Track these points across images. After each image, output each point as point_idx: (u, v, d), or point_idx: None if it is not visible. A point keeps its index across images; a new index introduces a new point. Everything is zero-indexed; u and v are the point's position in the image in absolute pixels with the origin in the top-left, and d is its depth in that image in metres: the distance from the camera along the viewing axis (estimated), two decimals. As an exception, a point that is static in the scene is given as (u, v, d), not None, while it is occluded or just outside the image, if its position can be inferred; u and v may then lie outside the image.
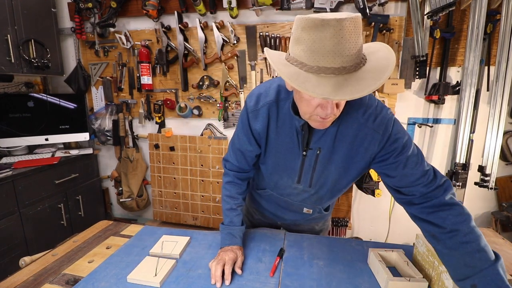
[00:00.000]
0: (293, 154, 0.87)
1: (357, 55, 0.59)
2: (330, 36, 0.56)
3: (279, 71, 0.63)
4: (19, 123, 2.09)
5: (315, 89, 0.58)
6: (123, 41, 2.20)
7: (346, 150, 0.82)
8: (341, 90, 0.58)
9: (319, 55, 0.59)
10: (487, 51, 1.81)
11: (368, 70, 0.60)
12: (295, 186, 0.94)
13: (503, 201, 1.99)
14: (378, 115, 0.77)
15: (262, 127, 0.86)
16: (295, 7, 1.87)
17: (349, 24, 0.56)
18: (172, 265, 0.89)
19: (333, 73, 0.59)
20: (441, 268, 0.74)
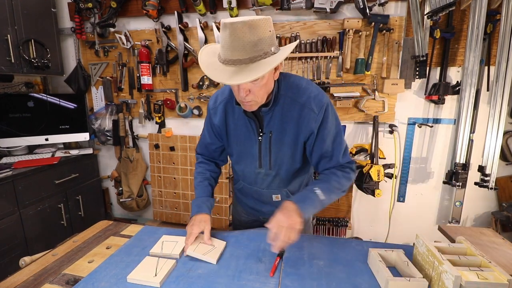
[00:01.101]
0: (251, 141, 1.00)
1: (253, 50, 0.74)
2: (228, 35, 0.73)
3: (199, 59, 0.83)
4: (19, 123, 2.09)
5: (216, 75, 0.77)
6: (123, 41, 2.20)
7: (293, 129, 0.95)
8: (234, 77, 0.74)
9: (224, 49, 0.76)
10: (487, 51, 1.81)
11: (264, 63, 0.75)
12: (258, 171, 1.06)
13: (503, 201, 1.99)
14: (315, 98, 0.92)
15: (220, 121, 1.02)
16: (295, 7, 1.87)
17: (241, 26, 0.71)
18: (172, 265, 0.89)
19: (233, 63, 0.76)
20: (441, 268, 0.74)
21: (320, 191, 0.89)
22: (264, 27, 0.74)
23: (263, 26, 0.74)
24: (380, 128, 2.06)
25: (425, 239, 0.85)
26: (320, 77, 2.04)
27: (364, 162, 2.10)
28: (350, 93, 1.97)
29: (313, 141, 0.95)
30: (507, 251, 1.00)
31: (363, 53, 1.92)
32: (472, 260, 0.78)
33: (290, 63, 2.06)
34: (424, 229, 2.20)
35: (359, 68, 1.93)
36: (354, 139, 2.16)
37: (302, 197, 0.90)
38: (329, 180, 0.94)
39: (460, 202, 1.96)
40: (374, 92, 1.98)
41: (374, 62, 1.95)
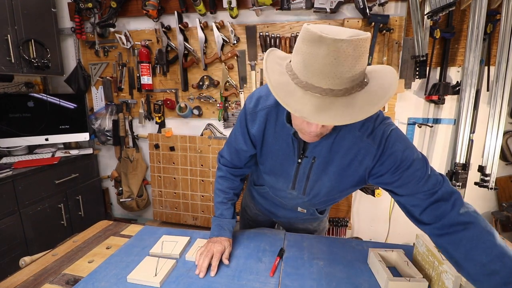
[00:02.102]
0: (289, 160, 0.86)
1: (351, 80, 0.55)
2: (324, 55, 0.53)
3: (268, 78, 0.61)
4: (19, 123, 2.09)
5: (295, 105, 0.57)
6: (123, 41, 2.20)
7: (340, 162, 0.80)
8: (321, 113, 0.55)
9: (310, 71, 0.56)
10: (487, 51, 1.81)
11: (361, 98, 0.57)
12: (289, 191, 0.95)
13: (503, 201, 1.99)
14: (376, 128, 0.73)
15: (258, 131, 0.86)
16: (295, 7, 1.87)
17: (346, 46, 0.51)
18: (172, 265, 0.89)
19: (320, 93, 0.56)
20: (441, 268, 0.74)
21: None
22: (366, 49, 0.55)
23: (366, 47, 0.55)
24: (380, 128, 2.06)
25: (425, 239, 0.85)
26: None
27: (364, 162, 2.10)
28: (350, 93, 1.97)
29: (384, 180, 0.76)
30: (507, 251, 1.00)
31: (363, 53, 1.92)
32: (472, 260, 0.78)
33: (290, 63, 2.06)
34: (424, 229, 2.20)
35: (359, 68, 1.92)
36: (354, 139, 2.15)
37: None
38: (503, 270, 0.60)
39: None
40: (374, 92, 1.98)
41: (374, 62, 1.95)
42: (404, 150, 0.72)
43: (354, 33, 0.54)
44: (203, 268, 0.85)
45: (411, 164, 0.71)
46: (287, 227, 1.19)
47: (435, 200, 0.70)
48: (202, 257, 0.87)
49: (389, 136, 0.72)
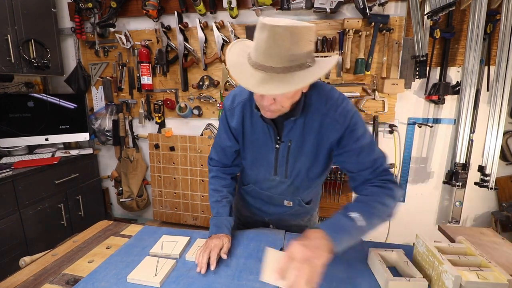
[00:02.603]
0: (268, 148, 0.94)
1: (289, 60, 0.66)
2: (265, 38, 0.65)
3: (227, 59, 0.76)
4: (19, 123, 2.09)
5: (243, 79, 0.69)
6: (123, 41, 2.20)
7: (313, 140, 0.88)
8: (262, 85, 0.67)
9: (258, 52, 0.68)
10: (487, 51, 1.81)
11: (298, 75, 0.67)
12: (272, 178, 1.00)
13: (503, 201, 1.99)
14: (339, 106, 0.84)
15: (237, 123, 0.95)
16: (295, 7, 1.87)
17: (283, 30, 0.63)
18: (172, 265, 0.88)
19: (264, 70, 0.68)
20: (441, 268, 0.74)
21: (358, 215, 0.74)
22: (305, 36, 0.66)
23: (306, 35, 0.66)
24: (380, 128, 2.06)
25: (425, 239, 0.85)
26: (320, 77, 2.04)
27: (364, 162, 2.10)
28: (350, 93, 1.97)
29: (340, 152, 0.87)
30: (507, 251, 1.00)
31: (363, 53, 1.92)
32: (472, 260, 0.78)
33: (290, 63, 2.06)
34: (424, 229, 2.20)
35: (359, 68, 1.93)
36: (354, 139, 2.15)
37: (333, 223, 0.74)
38: (368, 201, 0.79)
39: (460, 202, 1.96)
40: (374, 92, 1.98)
41: (374, 62, 1.95)
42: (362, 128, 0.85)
43: (298, 23, 0.65)
44: (202, 264, 0.85)
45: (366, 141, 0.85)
46: (279, 225, 1.20)
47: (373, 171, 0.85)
48: (200, 253, 0.88)
49: (354, 115, 0.84)
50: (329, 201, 2.19)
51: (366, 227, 0.74)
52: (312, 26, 0.67)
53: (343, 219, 0.75)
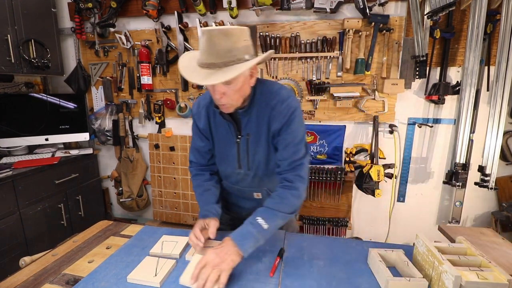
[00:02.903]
0: (230, 143, 1.04)
1: (227, 56, 0.80)
2: (205, 41, 0.80)
3: (179, 63, 0.89)
4: (19, 123, 2.09)
5: (191, 76, 0.84)
6: (123, 41, 2.20)
7: (266, 132, 0.99)
8: (207, 78, 0.80)
9: (201, 53, 0.83)
10: (487, 51, 1.81)
11: (235, 68, 0.80)
12: (237, 171, 1.09)
13: (503, 201, 1.99)
14: (285, 101, 0.95)
15: (204, 125, 1.07)
16: (295, 7, 1.87)
17: (217, 33, 0.79)
18: (172, 265, 0.89)
19: (208, 67, 0.82)
20: (441, 268, 0.74)
21: (262, 220, 0.87)
22: (239, 36, 0.81)
23: (238, 35, 0.81)
24: (380, 128, 2.06)
25: (425, 239, 0.85)
26: (320, 77, 2.04)
27: (364, 162, 2.10)
28: (350, 93, 1.97)
29: (277, 140, 0.98)
30: (507, 251, 1.00)
31: (363, 53, 1.92)
32: (472, 260, 0.78)
33: (290, 63, 2.06)
34: (424, 229, 2.20)
35: (359, 68, 1.93)
36: (354, 139, 2.16)
37: (243, 231, 0.87)
38: (273, 205, 0.92)
39: (460, 202, 1.97)
40: (374, 92, 1.98)
41: (374, 62, 1.95)
42: (300, 126, 0.97)
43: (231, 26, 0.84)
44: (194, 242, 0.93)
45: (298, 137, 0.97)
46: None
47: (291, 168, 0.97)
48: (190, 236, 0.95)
49: (295, 111, 0.95)
50: (329, 201, 2.19)
51: (270, 228, 0.88)
52: (244, 28, 0.84)
53: (250, 226, 0.87)
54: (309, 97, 2.07)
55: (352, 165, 2.11)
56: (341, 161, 2.19)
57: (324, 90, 2.03)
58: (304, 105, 2.12)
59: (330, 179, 2.06)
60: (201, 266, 0.78)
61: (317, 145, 2.19)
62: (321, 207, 2.24)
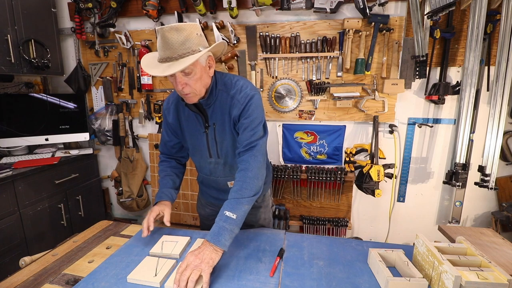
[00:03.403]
0: (200, 134, 1.12)
1: (182, 49, 0.89)
2: (160, 38, 0.90)
3: (141, 62, 0.99)
4: (19, 123, 2.09)
5: (152, 70, 0.93)
6: (123, 41, 2.20)
7: (228, 119, 1.06)
8: (166, 70, 0.89)
9: (159, 50, 0.92)
10: (487, 51, 1.81)
11: (190, 58, 0.89)
12: (209, 160, 1.16)
13: (503, 201, 1.99)
14: (243, 91, 1.03)
15: (173, 119, 1.15)
16: (295, 7, 1.87)
17: (169, 29, 0.88)
18: (172, 265, 0.89)
19: (166, 60, 0.91)
20: (441, 268, 0.74)
21: (229, 212, 0.93)
22: (190, 30, 0.90)
23: (189, 29, 0.90)
24: (380, 128, 2.06)
25: (425, 239, 0.85)
26: (320, 77, 2.04)
27: (364, 162, 2.10)
28: (350, 93, 1.97)
29: (237, 127, 1.05)
30: (507, 251, 1.00)
31: (363, 53, 1.92)
32: (472, 260, 0.78)
33: (290, 63, 2.06)
34: (424, 229, 2.20)
35: (359, 68, 1.93)
36: (354, 139, 2.16)
37: (216, 229, 0.91)
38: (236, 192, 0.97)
39: (460, 202, 1.97)
40: (374, 92, 1.98)
41: (374, 62, 1.95)
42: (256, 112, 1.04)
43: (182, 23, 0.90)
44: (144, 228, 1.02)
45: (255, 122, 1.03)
46: None
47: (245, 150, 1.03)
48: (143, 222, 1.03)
49: (252, 98, 1.03)
50: (329, 201, 2.19)
51: (239, 216, 0.93)
52: (195, 23, 0.94)
53: (220, 222, 0.92)
54: (309, 97, 2.07)
55: (352, 165, 2.11)
56: (341, 161, 2.19)
57: (324, 90, 2.03)
58: (304, 105, 2.12)
59: (330, 179, 2.06)
60: (181, 270, 0.80)
61: (317, 145, 2.19)
62: (321, 207, 2.24)
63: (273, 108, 2.16)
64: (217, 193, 1.28)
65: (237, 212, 0.93)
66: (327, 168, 2.12)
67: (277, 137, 2.24)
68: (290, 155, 2.25)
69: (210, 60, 1.00)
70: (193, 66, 0.92)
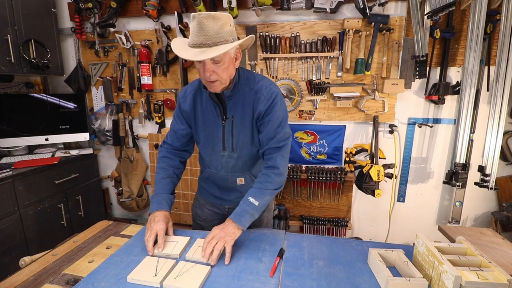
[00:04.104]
0: (216, 125, 1.11)
1: (216, 37, 0.91)
2: (196, 24, 0.91)
3: (173, 45, 0.99)
4: (19, 123, 2.09)
5: (185, 54, 0.94)
6: (123, 41, 2.20)
7: (250, 114, 1.07)
8: (198, 55, 0.91)
9: (192, 35, 0.93)
10: (487, 51, 1.81)
11: (223, 47, 0.91)
12: (222, 153, 1.15)
13: (503, 201, 1.99)
14: (268, 87, 1.06)
15: (190, 108, 1.13)
16: (295, 7, 1.87)
17: (206, 16, 0.90)
18: (172, 265, 0.88)
19: (198, 46, 0.92)
20: (441, 268, 0.74)
21: (253, 199, 1.01)
22: (225, 20, 0.92)
23: (224, 19, 0.92)
24: (380, 128, 2.07)
25: (425, 239, 0.85)
26: (320, 77, 2.04)
27: (364, 162, 2.11)
28: (350, 93, 1.97)
29: (261, 123, 1.07)
30: (507, 251, 1.00)
31: (363, 53, 1.92)
32: (472, 260, 0.78)
33: (290, 63, 2.06)
34: (424, 229, 2.20)
35: (359, 68, 1.93)
36: (354, 139, 2.16)
37: (239, 210, 1.00)
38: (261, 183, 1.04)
39: (460, 202, 1.97)
40: (374, 92, 1.99)
41: (374, 62, 1.95)
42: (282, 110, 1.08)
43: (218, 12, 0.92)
44: (149, 248, 0.95)
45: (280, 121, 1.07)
46: None
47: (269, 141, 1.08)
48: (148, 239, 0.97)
49: (277, 96, 1.07)
50: (329, 201, 2.19)
51: (260, 204, 1.01)
52: (229, 15, 0.95)
53: (244, 205, 1.00)
54: (309, 97, 2.07)
55: (352, 165, 2.11)
56: (341, 161, 2.19)
57: (324, 90, 2.03)
58: (304, 105, 2.12)
59: (330, 179, 2.06)
60: (209, 240, 0.92)
61: (317, 145, 2.19)
62: (321, 207, 2.24)
63: (273, 108, 2.16)
64: (220, 193, 1.27)
65: (260, 200, 1.01)
66: (327, 168, 2.12)
67: (277, 137, 2.24)
68: (290, 155, 2.26)
69: (237, 52, 1.02)
70: (223, 55, 0.94)
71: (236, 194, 1.24)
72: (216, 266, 0.90)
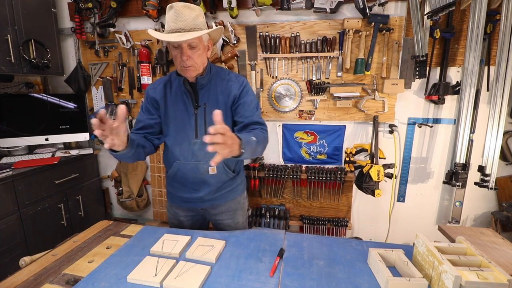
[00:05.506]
0: (188, 114, 1.17)
1: (192, 24, 1.04)
2: (174, 12, 1.04)
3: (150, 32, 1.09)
4: (19, 123, 2.09)
5: (163, 36, 1.04)
6: (123, 41, 2.20)
7: (223, 100, 1.17)
8: (178, 37, 1.01)
9: (170, 23, 1.05)
10: (487, 51, 1.81)
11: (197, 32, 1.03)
12: (194, 141, 1.18)
13: (503, 201, 1.99)
14: (238, 77, 1.22)
15: (160, 97, 1.20)
16: (295, 7, 1.87)
17: (182, 5, 1.03)
18: (172, 265, 0.89)
19: (177, 31, 1.04)
20: (441, 268, 0.74)
21: (255, 138, 1.01)
22: (199, 12, 1.07)
23: (198, 10, 1.07)
24: (380, 128, 2.07)
25: (425, 239, 0.85)
26: (320, 77, 2.04)
27: (364, 162, 2.11)
28: (350, 93, 1.97)
29: (237, 105, 1.17)
30: (507, 251, 1.00)
31: (363, 53, 1.92)
32: (472, 260, 0.78)
33: (290, 63, 2.06)
34: (424, 229, 2.20)
35: (359, 68, 1.93)
36: (354, 139, 2.16)
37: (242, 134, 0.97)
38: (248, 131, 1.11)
39: (460, 202, 1.97)
40: (374, 92, 1.99)
41: (374, 62, 1.95)
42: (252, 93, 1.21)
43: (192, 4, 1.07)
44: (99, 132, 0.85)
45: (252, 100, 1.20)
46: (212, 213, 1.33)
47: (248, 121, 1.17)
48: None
49: (246, 83, 1.22)
50: (329, 201, 2.19)
51: (258, 143, 1.01)
52: (200, 8, 1.10)
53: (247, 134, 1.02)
54: (309, 97, 2.07)
55: (352, 165, 2.11)
56: (341, 161, 2.19)
57: (324, 90, 2.03)
58: (304, 105, 2.12)
59: (330, 179, 2.06)
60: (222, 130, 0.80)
61: (317, 145, 2.20)
62: (321, 207, 2.24)
63: (273, 108, 2.16)
64: (190, 192, 1.27)
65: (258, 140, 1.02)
66: (327, 168, 2.12)
67: (277, 137, 2.24)
68: (290, 155, 2.26)
69: (209, 43, 1.15)
70: (198, 41, 1.06)
71: (206, 188, 1.25)
72: (216, 266, 0.90)
